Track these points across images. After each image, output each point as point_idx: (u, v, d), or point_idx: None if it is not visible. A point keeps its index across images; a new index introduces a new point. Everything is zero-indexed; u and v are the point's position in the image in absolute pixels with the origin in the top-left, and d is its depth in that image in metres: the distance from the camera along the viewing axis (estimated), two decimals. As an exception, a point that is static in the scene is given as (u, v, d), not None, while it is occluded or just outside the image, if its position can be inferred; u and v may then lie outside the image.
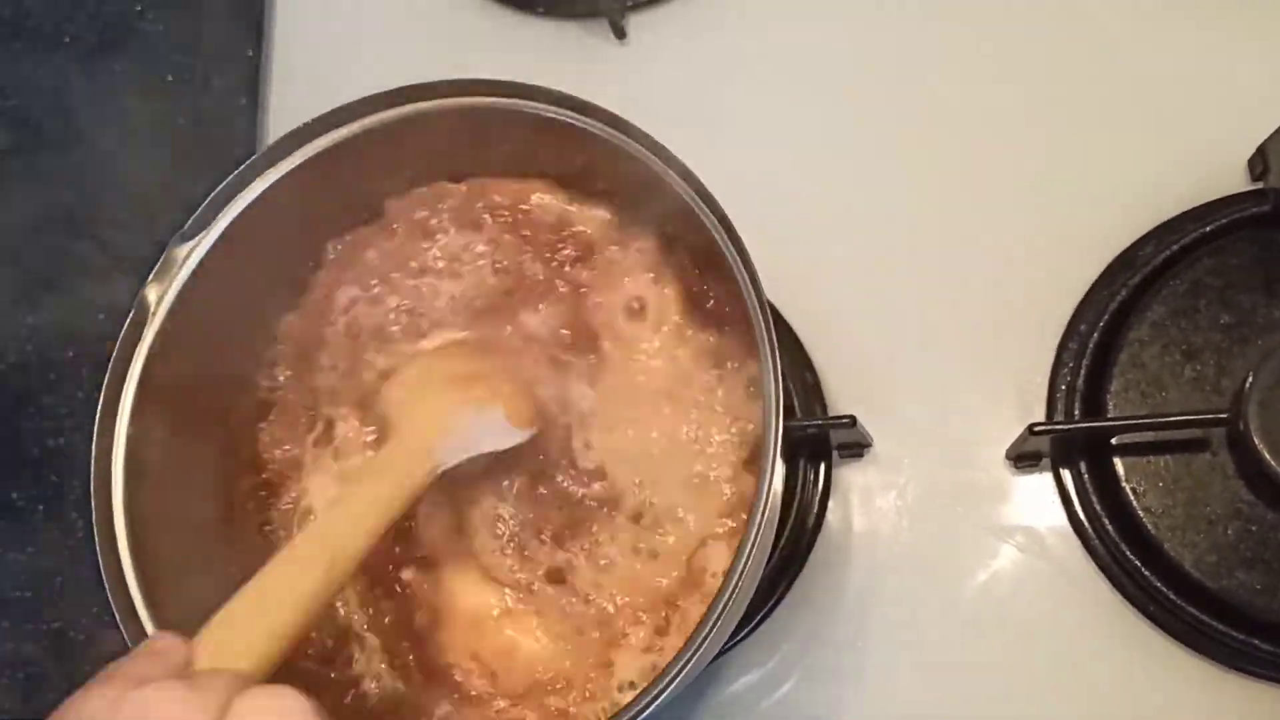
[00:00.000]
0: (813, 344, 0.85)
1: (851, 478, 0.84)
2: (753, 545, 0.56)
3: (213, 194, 0.68)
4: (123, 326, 0.66)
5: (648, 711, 0.56)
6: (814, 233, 0.87)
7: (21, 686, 0.91)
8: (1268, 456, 0.72)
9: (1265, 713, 0.77)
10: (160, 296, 0.66)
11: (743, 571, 0.56)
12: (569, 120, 0.66)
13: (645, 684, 0.59)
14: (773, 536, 0.63)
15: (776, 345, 0.60)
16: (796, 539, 0.82)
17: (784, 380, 0.59)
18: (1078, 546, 0.80)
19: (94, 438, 0.64)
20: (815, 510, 0.83)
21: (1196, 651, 0.78)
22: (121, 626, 0.63)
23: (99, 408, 0.65)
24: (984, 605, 0.80)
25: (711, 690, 0.82)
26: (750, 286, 0.62)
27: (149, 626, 0.63)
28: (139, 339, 0.66)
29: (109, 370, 0.65)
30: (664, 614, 0.70)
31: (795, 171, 0.89)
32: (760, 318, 0.61)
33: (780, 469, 0.58)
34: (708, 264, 0.71)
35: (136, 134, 0.99)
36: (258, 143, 0.96)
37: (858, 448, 0.83)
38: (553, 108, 0.66)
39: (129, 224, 0.97)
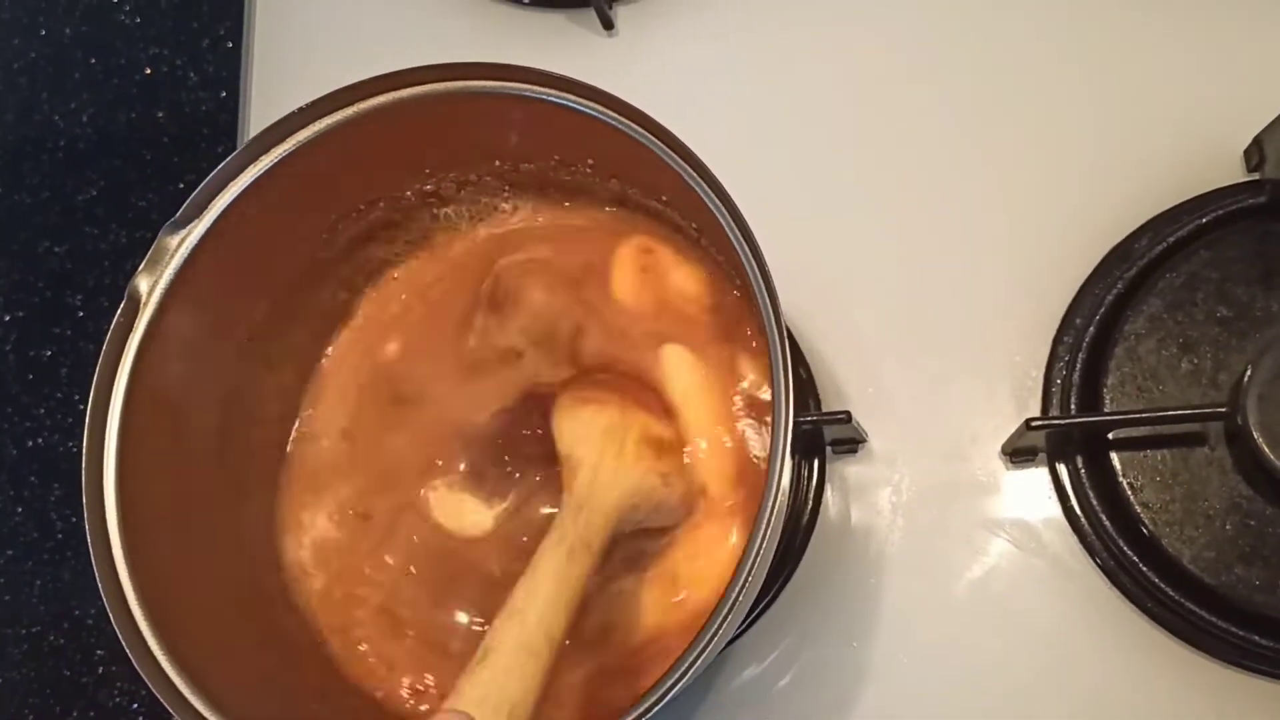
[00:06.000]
0: (807, 339, 0.85)
1: (846, 474, 0.83)
2: (763, 537, 0.56)
3: (205, 181, 0.66)
4: (102, 325, 0.65)
5: (659, 706, 0.55)
6: (805, 226, 0.86)
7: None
8: (1266, 450, 0.71)
9: (1264, 709, 0.76)
10: (152, 286, 0.65)
11: (753, 564, 0.56)
12: (570, 105, 0.66)
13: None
14: (781, 527, 0.62)
15: (786, 340, 0.59)
16: (792, 535, 0.81)
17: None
18: (1074, 542, 0.80)
19: (85, 431, 0.62)
20: (810, 507, 0.82)
21: (1195, 648, 0.77)
22: (113, 620, 0.61)
23: (90, 401, 0.63)
24: (980, 602, 0.80)
25: (707, 684, 0.81)
26: (762, 282, 0.61)
27: (143, 624, 0.61)
28: (131, 329, 0.64)
29: (100, 361, 0.63)
30: None
31: (785, 164, 0.88)
32: (769, 309, 0.60)
33: (789, 463, 0.57)
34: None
35: (117, 129, 0.98)
36: (239, 137, 0.95)
37: (852, 443, 0.83)
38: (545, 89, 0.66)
39: (109, 221, 0.96)
